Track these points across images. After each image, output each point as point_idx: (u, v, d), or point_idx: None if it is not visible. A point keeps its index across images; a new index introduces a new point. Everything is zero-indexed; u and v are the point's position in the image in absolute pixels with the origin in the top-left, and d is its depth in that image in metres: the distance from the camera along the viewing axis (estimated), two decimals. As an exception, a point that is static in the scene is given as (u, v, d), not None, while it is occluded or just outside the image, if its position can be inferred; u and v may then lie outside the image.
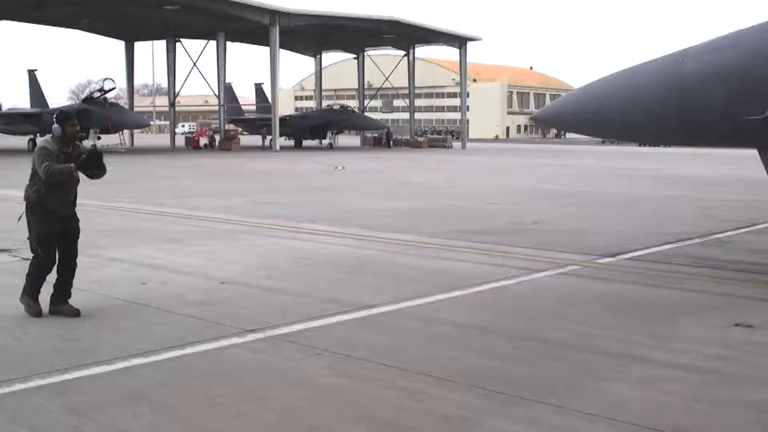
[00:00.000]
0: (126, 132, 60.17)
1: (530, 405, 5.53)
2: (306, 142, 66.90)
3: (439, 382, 6.00)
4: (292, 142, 66.60)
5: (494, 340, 7.27)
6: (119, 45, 69.11)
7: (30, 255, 8.28)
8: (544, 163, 41.72)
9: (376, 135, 71.91)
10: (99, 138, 52.40)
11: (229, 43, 62.06)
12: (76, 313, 8.01)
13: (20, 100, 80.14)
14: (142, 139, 78.53)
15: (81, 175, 8.28)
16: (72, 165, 7.95)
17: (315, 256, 11.85)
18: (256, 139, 65.55)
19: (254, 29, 58.53)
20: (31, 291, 8.15)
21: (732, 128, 9.67)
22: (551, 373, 6.28)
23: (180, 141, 66.52)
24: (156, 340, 7.13)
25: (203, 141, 65.35)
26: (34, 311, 8.04)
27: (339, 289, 9.44)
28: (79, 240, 8.38)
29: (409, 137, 72.96)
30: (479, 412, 5.41)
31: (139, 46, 69.31)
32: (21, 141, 59.65)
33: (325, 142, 65.02)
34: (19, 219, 8.29)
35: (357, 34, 66.86)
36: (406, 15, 69.44)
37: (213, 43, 61.31)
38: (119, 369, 6.31)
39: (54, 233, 8.10)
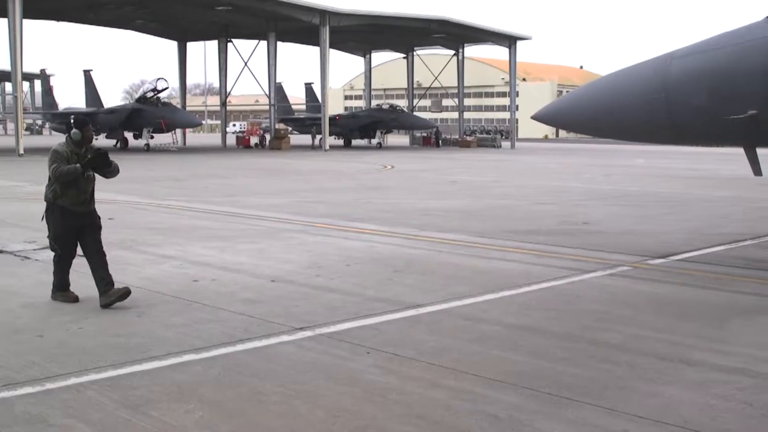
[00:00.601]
0: (178, 131, 60.90)
1: (580, 406, 5.50)
2: (355, 142, 67.10)
3: (487, 382, 5.99)
4: (341, 142, 66.87)
5: (543, 340, 7.24)
6: (172, 45, 70.05)
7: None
8: (594, 163, 41.30)
9: (425, 134, 71.85)
10: (152, 137, 53.29)
11: (279, 43, 62.49)
12: (126, 292, 8.42)
13: (76, 100, 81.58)
14: (193, 138, 79.46)
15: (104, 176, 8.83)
16: (78, 165, 8.39)
17: (363, 255, 11.90)
18: (305, 139, 65.96)
19: (304, 29, 58.86)
20: (60, 286, 8.67)
21: (716, 127, 10.05)
22: (601, 374, 6.23)
23: (231, 140, 67.20)
24: (207, 336, 7.22)
25: (254, 140, 65.91)
26: (72, 299, 8.57)
27: (387, 288, 9.46)
28: (101, 232, 8.87)
29: (458, 137, 72.77)
30: (528, 413, 5.39)
31: (191, 46, 70.16)
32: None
33: (374, 141, 65.14)
34: (42, 219, 8.74)
35: (406, 34, 66.83)
36: (455, 14, 69.28)
37: (264, 43, 61.81)
38: (171, 365, 6.42)
39: (70, 232, 8.60)
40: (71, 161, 8.43)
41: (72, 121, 8.84)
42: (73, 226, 8.57)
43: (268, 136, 63.83)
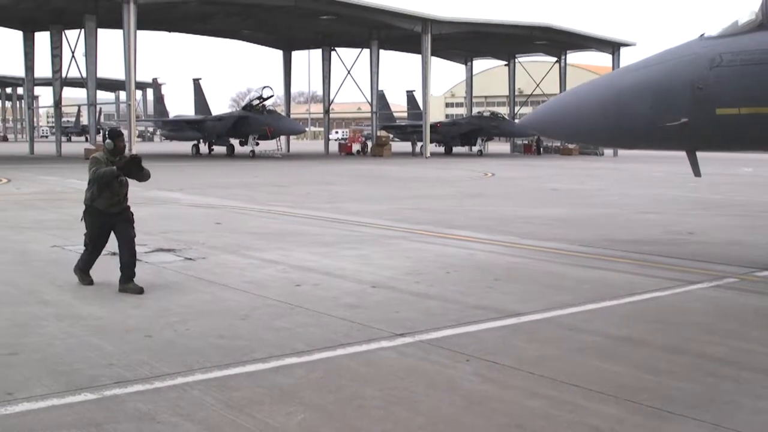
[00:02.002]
0: (282, 138, 61.99)
1: (683, 421, 5.37)
2: (456, 149, 67.02)
3: (588, 393, 5.92)
4: (442, 149, 66.90)
5: (646, 352, 7.10)
6: (277, 54, 71.45)
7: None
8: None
9: (527, 142, 71.15)
10: (257, 144, 54.45)
11: (381, 51, 62.96)
12: (140, 291, 9.37)
13: (186, 108, 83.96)
14: (297, 145, 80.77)
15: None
16: (114, 168, 9.50)
17: (464, 262, 11.90)
18: (406, 146, 66.29)
19: (406, 37, 59.14)
20: (83, 268, 9.92)
21: (656, 133, 11.31)
22: (706, 388, 6.08)
23: (333, 147, 68.03)
24: (309, 340, 7.35)
25: (356, 147, 66.55)
26: (87, 282, 9.82)
27: (487, 295, 9.44)
28: (134, 226, 9.98)
29: (559, 144, 71.78)
30: (630, 426, 5.30)
31: (296, 55, 71.43)
32: (185, 146, 62.66)
33: (475, 148, 64.90)
34: (81, 220, 9.89)
35: (508, 41, 66.39)
36: (557, 20, 68.37)
37: (366, 51, 62.40)
38: (274, 367, 6.55)
39: (104, 232, 9.82)
40: (107, 167, 9.57)
41: (107, 132, 10.06)
42: (106, 225, 9.74)
43: (369, 143, 64.37)
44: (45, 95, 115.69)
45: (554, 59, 72.77)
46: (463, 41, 65.94)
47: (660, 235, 15.03)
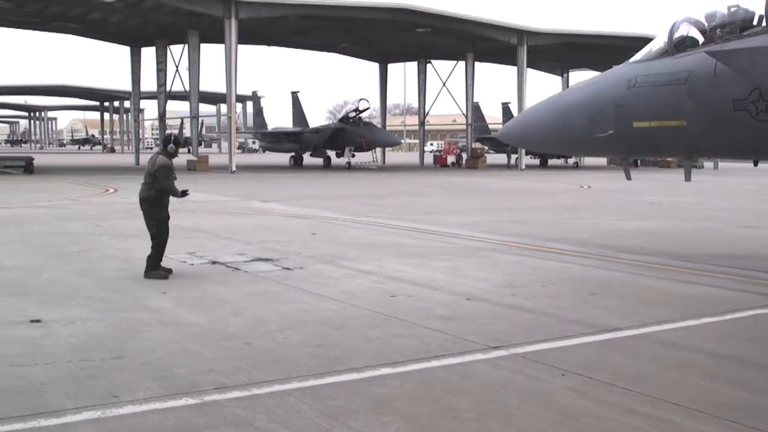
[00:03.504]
0: (378, 150, 62.39)
1: (787, 442, 5.22)
2: (551, 161, 66.22)
3: (687, 411, 5.80)
4: (537, 161, 66.21)
5: (747, 371, 6.90)
6: (373, 67, 71.98)
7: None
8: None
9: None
10: (353, 156, 54.94)
11: (476, 63, 62.82)
12: (167, 274, 11.10)
13: (284, 120, 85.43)
14: (392, 157, 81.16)
15: None
16: (179, 192, 11.45)
17: (559, 275, 11.78)
18: (501, 158, 65.78)
19: (502, 49, 58.88)
20: (155, 266, 11.19)
21: (591, 143, 12.88)
22: (812, 410, 5.88)
23: (428, 159, 68.10)
24: (403, 351, 7.41)
25: (450, 159, 66.46)
26: (163, 276, 11.04)
27: (583, 309, 9.33)
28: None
29: (658, 156, 70.09)
30: (730, 445, 5.18)
31: (392, 67, 71.73)
32: (283, 158, 63.74)
33: (571, 160, 63.96)
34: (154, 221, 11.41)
35: (606, 52, 65.06)
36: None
37: (462, 64, 62.36)
38: (369, 377, 6.63)
39: (164, 220, 11.38)
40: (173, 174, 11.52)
41: (172, 138, 11.57)
42: (165, 217, 11.44)
43: (464, 155, 64.21)
44: (150, 108, 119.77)
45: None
46: (560, 52, 65.17)
47: (762, 250, 14.55)
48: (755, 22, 10.93)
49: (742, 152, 12.61)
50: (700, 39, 11.54)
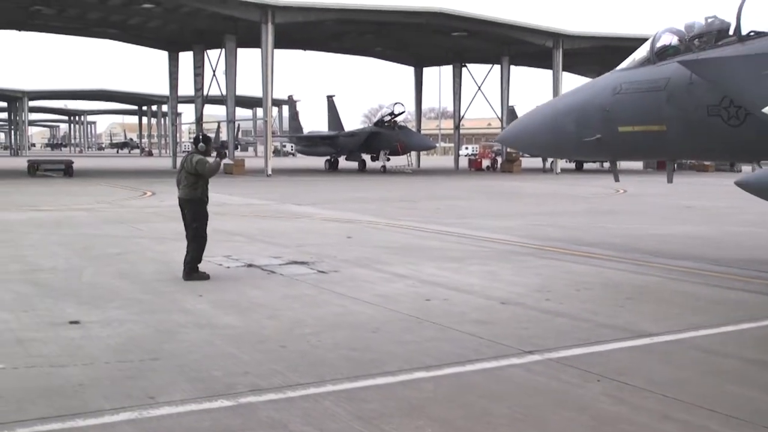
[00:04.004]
0: (413, 154, 62.41)
1: (827, 451, 5.15)
2: (587, 165, 65.79)
3: (723, 418, 5.74)
4: (573, 165, 65.80)
5: (787, 378, 6.82)
6: (409, 71, 72.05)
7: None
8: None
9: (662, 157, 68.99)
10: (388, 159, 55.01)
11: (512, 67, 62.57)
12: (208, 275, 11.25)
13: (319, 124, 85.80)
14: (427, 160, 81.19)
15: None
16: (218, 159, 11.86)
17: (594, 280, 11.70)
18: (537, 162, 65.51)
19: (537, 52, 58.63)
20: (196, 268, 11.34)
21: (580, 146, 13.57)
22: None
23: (463, 162, 68.00)
24: (437, 355, 7.41)
25: (485, 163, 66.32)
26: (205, 277, 11.22)
27: (618, 314, 9.26)
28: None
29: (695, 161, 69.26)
30: (768, 453, 5.12)
31: (427, 71, 71.81)
32: (318, 161, 64.01)
33: (606, 164, 63.47)
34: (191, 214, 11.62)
35: (644, 54, 64.69)
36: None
37: (497, 67, 62.16)
38: (403, 381, 6.64)
39: (205, 221, 11.61)
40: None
41: (200, 137, 11.88)
42: (207, 217, 11.72)
43: (499, 159, 64.00)
44: (187, 112, 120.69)
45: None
46: (595, 56, 64.68)
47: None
48: (731, 33, 11.45)
49: (718, 155, 13.82)
50: (680, 48, 12.18)
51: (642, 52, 12.82)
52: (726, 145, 11.62)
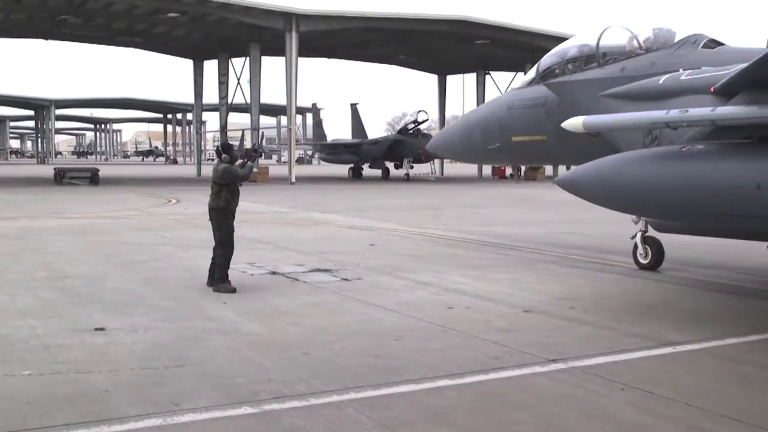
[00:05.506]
0: (436, 162, 62.36)
1: None
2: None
3: (750, 428, 5.68)
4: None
5: (815, 388, 6.74)
6: (432, 78, 72.05)
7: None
8: None
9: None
10: (412, 167, 55.02)
11: (536, 74, 62.32)
12: (235, 288, 10.96)
13: (343, 132, 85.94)
14: (450, 168, 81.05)
15: None
16: (250, 163, 11.86)
17: (617, 288, 11.64)
18: (561, 170, 65.22)
19: (562, 59, 58.39)
20: (223, 277, 11.15)
21: (485, 153, 15.45)
22: None
23: (486, 170, 67.80)
24: (461, 363, 7.40)
25: (509, 170, 66.13)
26: (231, 290, 10.92)
27: (642, 322, 9.20)
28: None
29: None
30: (795, 463, 5.06)
31: (450, 79, 71.75)
32: (342, 169, 64.14)
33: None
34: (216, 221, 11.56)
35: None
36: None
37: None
38: (426, 389, 6.64)
39: (232, 230, 11.48)
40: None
41: (220, 148, 11.82)
42: (233, 225, 11.57)
43: (523, 167, 63.75)
44: (212, 120, 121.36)
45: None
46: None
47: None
48: (595, 58, 13.14)
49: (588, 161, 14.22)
50: (557, 71, 13.82)
51: (531, 74, 14.62)
52: (591, 153, 12.48)
